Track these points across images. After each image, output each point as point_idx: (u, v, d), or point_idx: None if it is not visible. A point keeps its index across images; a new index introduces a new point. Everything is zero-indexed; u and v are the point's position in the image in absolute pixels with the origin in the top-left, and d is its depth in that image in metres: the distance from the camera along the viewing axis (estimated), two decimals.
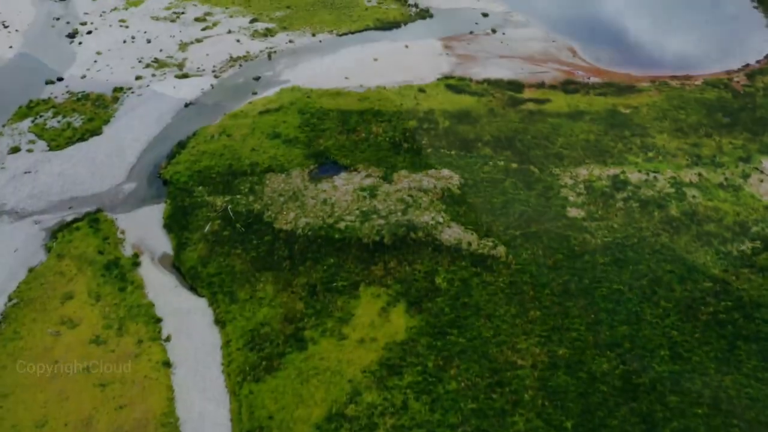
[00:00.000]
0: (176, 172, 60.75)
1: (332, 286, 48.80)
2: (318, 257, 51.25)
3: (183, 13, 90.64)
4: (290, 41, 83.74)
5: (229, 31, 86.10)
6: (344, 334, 45.28)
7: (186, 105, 71.48)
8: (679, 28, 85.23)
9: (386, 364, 43.06)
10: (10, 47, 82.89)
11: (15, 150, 63.92)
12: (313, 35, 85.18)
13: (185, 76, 76.36)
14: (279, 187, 58.48)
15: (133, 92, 73.42)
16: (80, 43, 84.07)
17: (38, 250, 52.88)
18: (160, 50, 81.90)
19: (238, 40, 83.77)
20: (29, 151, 64.25)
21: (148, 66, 78.47)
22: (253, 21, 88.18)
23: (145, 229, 55.01)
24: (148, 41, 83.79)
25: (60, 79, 75.99)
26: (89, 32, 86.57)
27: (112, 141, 65.43)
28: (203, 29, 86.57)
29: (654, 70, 77.19)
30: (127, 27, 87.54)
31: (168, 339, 45.55)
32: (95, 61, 79.48)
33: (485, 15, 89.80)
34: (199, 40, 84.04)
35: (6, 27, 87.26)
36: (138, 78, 75.90)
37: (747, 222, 53.68)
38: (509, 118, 67.52)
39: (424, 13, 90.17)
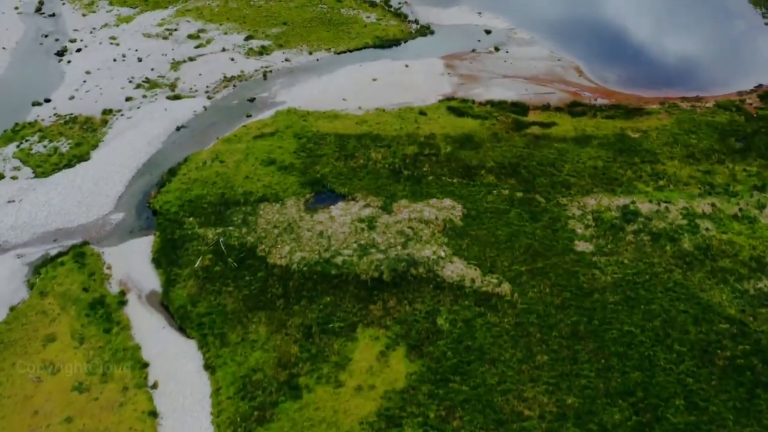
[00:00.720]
0: (166, 201, 59.25)
1: (328, 328, 47.23)
2: (314, 295, 49.70)
3: (176, 29, 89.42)
4: (286, 60, 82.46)
5: (224, 49, 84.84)
6: (341, 381, 43.66)
7: (178, 128, 70.10)
8: (688, 46, 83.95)
9: (385, 415, 41.43)
10: None
11: None
12: (310, 53, 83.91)
13: (177, 97, 75.00)
14: (273, 218, 56.98)
15: (122, 115, 72.06)
16: (69, 61, 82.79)
17: (20, 287, 51.33)
18: (152, 69, 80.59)
19: (232, 59, 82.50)
20: (14, 178, 62.83)
21: (138, 86, 77.13)
22: (248, 38, 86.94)
23: (132, 263, 53.46)
24: (140, 60, 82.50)
25: (47, 101, 74.65)
26: (79, 50, 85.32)
27: (100, 167, 63.96)
28: (196, 47, 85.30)
29: (663, 91, 75.82)
30: (117, 44, 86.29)
31: (155, 386, 43.91)
32: (84, 81, 78.13)
33: (488, 32, 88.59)
34: (192, 59, 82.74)
35: None
36: (128, 99, 74.55)
37: (764, 257, 52.14)
38: (514, 142, 66.10)
39: (425, 30, 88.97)
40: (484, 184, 60.52)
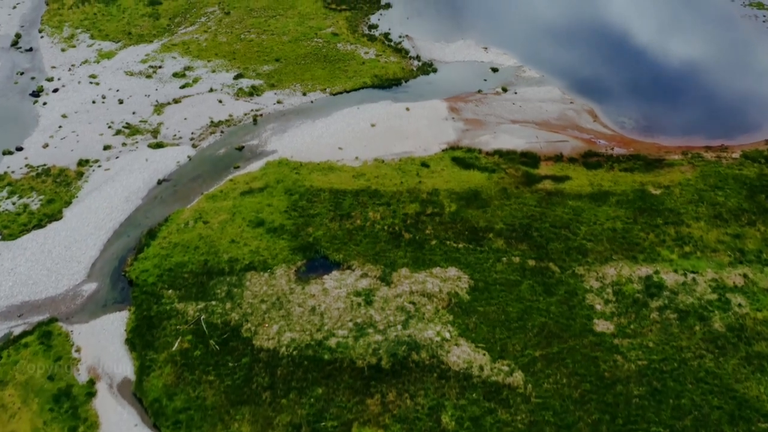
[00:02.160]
0: (143, 270, 56.01)
1: (320, 427, 43.80)
2: (304, 386, 46.30)
3: (160, 67, 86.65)
4: (278, 102, 79.56)
5: (211, 90, 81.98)
6: None
7: (159, 182, 67.03)
8: (711, 88, 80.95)
9: None
10: None
11: None
12: (304, 94, 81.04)
13: (160, 145, 71.99)
14: (261, 290, 53.70)
15: (100, 166, 69.02)
16: (45, 103, 79.91)
17: None
18: (133, 113, 77.65)
19: (220, 101, 79.60)
20: None
21: (118, 132, 74.16)
22: (237, 77, 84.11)
23: (104, 345, 50.14)
24: (120, 102, 79.62)
25: (19, 149, 71.69)
26: (56, 90, 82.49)
27: (73, 229, 60.82)
28: (182, 87, 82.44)
29: (685, 139, 72.87)
30: (97, 84, 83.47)
31: None
32: (60, 127, 75.21)
33: (495, 70, 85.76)
34: (176, 101, 79.84)
35: None
36: (106, 148, 71.53)
37: None
38: (524, 200, 62.97)
39: (427, 68, 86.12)
40: (492, 250, 57.30)
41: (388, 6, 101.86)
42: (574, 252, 56.93)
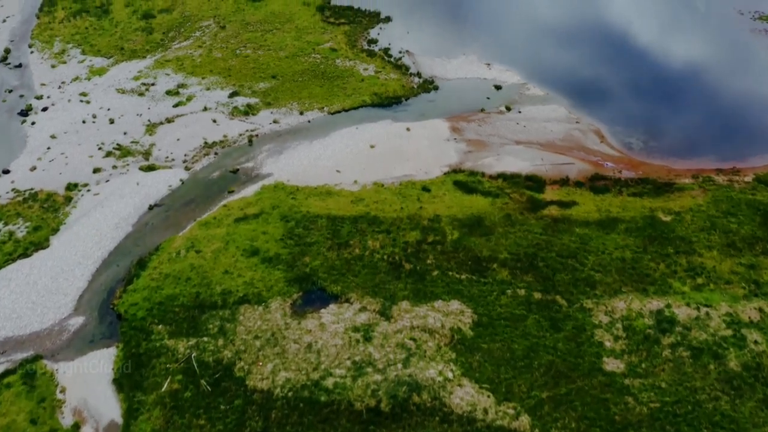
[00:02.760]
0: (133, 303, 54.55)
1: None
2: (299, 431, 44.67)
3: (153, 84, 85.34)
4: (274, 121, 78.22)
5: (205, 108, 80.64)
6: None
7: (150, 207, 65.64)
8: (721, 108, 79.50)
9: None
10: None
11: None
12: (301, 113, 79.69)
13: (151, 168, 70.60)
14: (255, 325, 52.19)
15: (89, 190, 67.61)
16: (33, 123, 78.58)
17: None
18: (125, 133, 76.29)
19: (214, 120, 78.25)
20: None
21: (109, 154, 72.79)
22: (232, 95, 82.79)
23: (90, 386, 48.64)
24: (111, 121, 78.28)
25: (6, 172, 70.34)
26: (45, 108, 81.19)
27: (60, 258, 59.39)
28: (175, 105, 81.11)
29: (695, 161, 71.52)
30: (88, 102, 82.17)
31: None
32: (48, 148, 73.87)
33: (498, 87, 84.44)
34: (169, 120, 78.49)
35: None
36: (96, 171, 70.13)
37: None
38: (529, 227, 61.53)
39: (428, 85, 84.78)
40: (496, 282, 55.83)
41: (388, 19, 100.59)
42: (581, 284, 55.45)
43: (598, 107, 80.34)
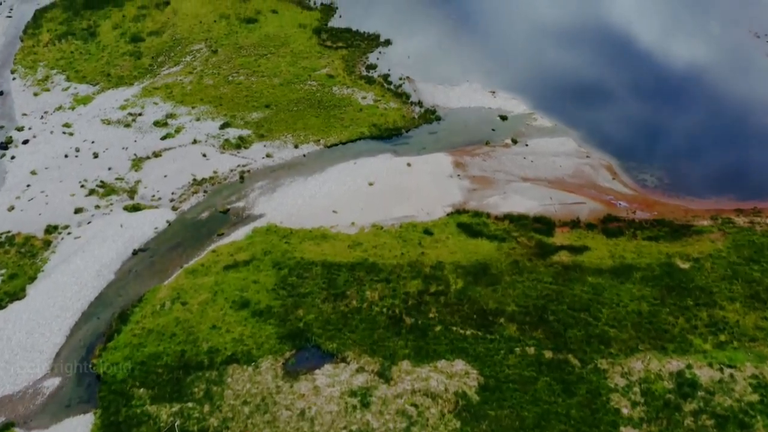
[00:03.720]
0: (113, 363, 52.03)
1: None
2: None
3: (140, 114, 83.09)
4: (268, 155, 75.92)
5: (195, 141, 78.33)
6: None
7: (134, 252, 63.25)
8: (739, 142, 77.15)
9: None
10: None
11: None
12: (296, 146, 77.41)
13: (137, 207, 68.24)
14: (244, 389, 49.63)
15: (69, 233, 65.25)
16: (13, 157, 76.38)
17: None
18: (109, 168, 73.99)
19: (204, 154, 75.93)
20: None
21: (91, 192, 70.41)
22: (224, 126, 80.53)
23: None
24: (95, 155, 75.98)
25: None
26: (26, 141, 78.97)
27: (37, 311, 56.98)
28: (163, 138, 78.84)
29: (713, 200, 69.18)
30: (71, 134, 79.94)
31: None
32: (28, 185, 71.54)
33: (503, 118, 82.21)
34: (157, 154, 76.20)
35: None
36: (78, 211, 67.76)
37: None
38: (538, 275, 59.07)
39: (430, 115, 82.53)
40: (504, 338, 53.31)
41: (387, 43, 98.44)
42: (595, 341, 52.91)
43: (610, 140, 78.08)
